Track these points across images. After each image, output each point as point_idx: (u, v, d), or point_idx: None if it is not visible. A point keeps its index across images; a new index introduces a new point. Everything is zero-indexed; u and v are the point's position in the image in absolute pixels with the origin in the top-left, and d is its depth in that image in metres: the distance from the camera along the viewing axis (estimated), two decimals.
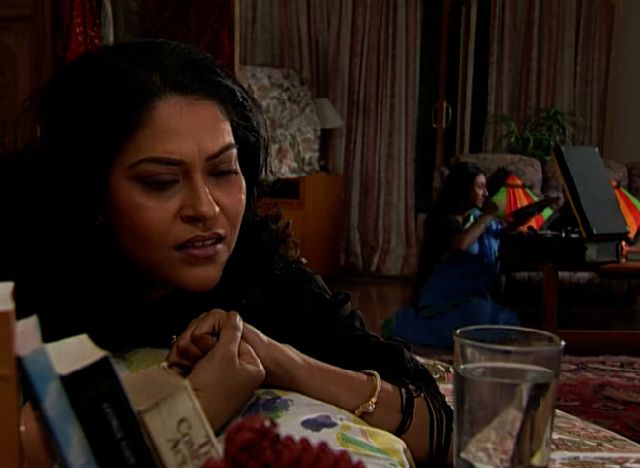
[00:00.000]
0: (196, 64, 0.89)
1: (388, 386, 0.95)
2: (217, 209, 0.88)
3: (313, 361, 0.93)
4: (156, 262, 0.90)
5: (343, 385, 0.93)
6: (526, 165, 5.39)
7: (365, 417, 0.92)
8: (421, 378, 1.01)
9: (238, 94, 0.92)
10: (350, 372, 0.95)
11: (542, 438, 0.64)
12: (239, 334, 0.87)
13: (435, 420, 0.96)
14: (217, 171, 0.89)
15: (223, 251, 0.92)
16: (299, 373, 0.91)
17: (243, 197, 0.92)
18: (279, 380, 0.90)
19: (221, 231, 0.90)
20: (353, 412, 0.92)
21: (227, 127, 0.90)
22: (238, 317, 0.89)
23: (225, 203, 0.90)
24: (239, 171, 0.92)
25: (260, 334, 0.90)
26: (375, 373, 0.96)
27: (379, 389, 0.94)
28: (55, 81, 0.93)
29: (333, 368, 0.94)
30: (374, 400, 0.93)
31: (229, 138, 0.90)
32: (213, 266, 0.91)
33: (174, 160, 0.86)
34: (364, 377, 0.95)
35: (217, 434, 0.78)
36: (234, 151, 0.91)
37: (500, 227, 4.70)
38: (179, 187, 0.87)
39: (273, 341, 0.91)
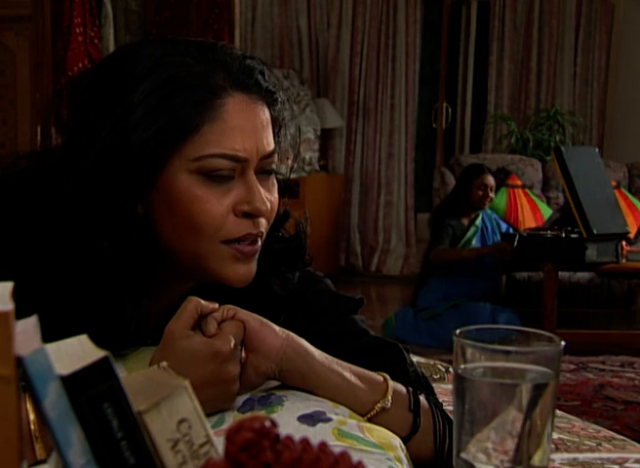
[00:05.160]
0: (256, 68, 0.93)
1: (398, 386, 0.96)
2: (269, 206, 0.92)
3: (329, 356, 0.93)
4: (201, 255, 0.91)
5: (362, 379, 0.93)
6: (526, 165, 5.39)
7: (382, 414, 0.92)
8: (421, 385, 1.02)
9: (279, 104, 0.97)
10: (364, 370, 0.95)
11: (542, 438, 0.64)
12: (186, 312, 0.86)
13: (437, 422, 0.97)
14: (263, 170, 0.94)
15: (259, 248, 0.95)
16: (317, 364, 0.91)
17: (277, 196, 0.96)
18: (298, 369, 0.89)
19: (264, 229, 0.94)
20: (372, 407, 0.92)
21: (271, 129, 0.95)
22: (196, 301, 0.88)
23: (270, 201, 0.94)
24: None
25: (274, 326, 0.90)
26: (384, 374, 0.96)
27: (392, 387, 0.94)
28: (99, 70, 0.94)
29: (349, 364, 0.94)
30: (390, 396, 0.93)
31: (274, 140, 0.95)
32: (253, 263, 0.94)
33: (239, 157, 0.89)
34: (378, 375, 0.95)
35: None
36: (276, 153, 0.95)
37: (510, 229, 4.67)
38: (234, 183, 0.91)
39: (291, 333, 0.91)
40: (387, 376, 0.95)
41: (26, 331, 0.47)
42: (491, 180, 4.47)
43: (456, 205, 4.51)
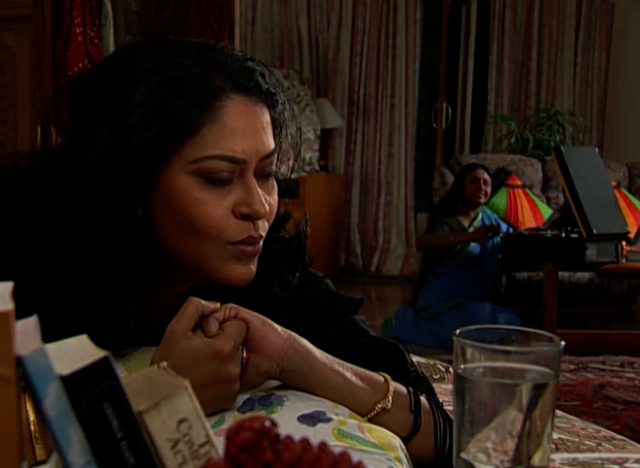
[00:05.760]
0: (256, 70, 0.94)
1: (399, 386, 0.96)
2: (268, 208, 0.92)
3: (331, 356, 0.93)
4: (204, 255, 0.92)
5: (363, 380, 0.93)
6: (526, 165, 5.39)
7: (383, 414, 0.92)
8: (421, 385, 1.02)
9: (280, 105, 0.97)
10: (365, 370, 0.95)
11: (542, 438, 0.64)
12: (188, 313, 0.87)
13: (438, 423, 0.97)
14: (262, 172, 0.94)
15: (260, 248, 0.95)
16: (319, 364, 0.90)
17: (277, 198, 0.97)
18: (299, 369, 0.89)
19: (263, 232, 0.94)
20: (373, 408, 0.92)
21: (271, 130, 0.95)
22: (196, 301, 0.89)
23: (269, 203, 0.94)
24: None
25: (276, 325, 0.90)
26: (385, 374, 0.96)
27: (393, 388, 0.94)
28: (99, 70, 0.94)
29: (350, 364, 0.94)
30: (390, 397, 0.93)
31: (274, 142, 0.95)
32: (254, 263, 0.95)
33: (238, 159, 0.89)
34: (379, 376, 0.95)
35: None
36: (275, 154, 0.96)
37: (510, 230, 4.67)
38: (233, 185, 0.91)
39: (293, 333, 0.91)
40: (388, 377, 0.95)
41: (26, 331, 0.47)
42: (483, 174, 4.47)
43: (451, 202, 4.52)
